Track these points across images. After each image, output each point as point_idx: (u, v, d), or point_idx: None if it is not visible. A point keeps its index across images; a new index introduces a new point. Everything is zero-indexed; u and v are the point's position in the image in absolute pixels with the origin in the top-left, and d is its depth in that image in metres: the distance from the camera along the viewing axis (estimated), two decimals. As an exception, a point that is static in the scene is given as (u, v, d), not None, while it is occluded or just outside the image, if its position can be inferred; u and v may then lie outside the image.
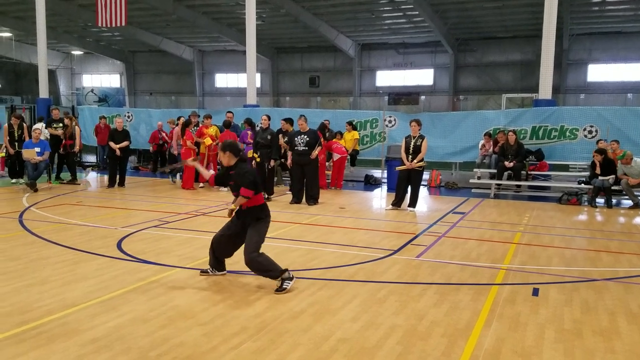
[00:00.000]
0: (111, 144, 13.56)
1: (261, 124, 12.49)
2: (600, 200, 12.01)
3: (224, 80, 39.15)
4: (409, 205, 10.78)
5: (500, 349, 4.23)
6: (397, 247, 7.59)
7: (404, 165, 10.70)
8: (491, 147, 14.09)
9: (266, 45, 34.24)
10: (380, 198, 12.95)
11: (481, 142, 14.52)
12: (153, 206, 10.84)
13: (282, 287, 5.47)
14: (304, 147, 11.26)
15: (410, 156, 10.63)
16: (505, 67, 31.39)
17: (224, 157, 5.72)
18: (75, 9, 28.52)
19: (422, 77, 33.79)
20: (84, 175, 15.81)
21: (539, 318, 4.91)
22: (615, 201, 12.03)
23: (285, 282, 5.50)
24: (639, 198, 11.66)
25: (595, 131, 13.49)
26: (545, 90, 14.49)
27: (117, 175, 13.69)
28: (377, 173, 15.83)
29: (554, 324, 4.79)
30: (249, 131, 13.53)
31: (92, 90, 36.35)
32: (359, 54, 34.41)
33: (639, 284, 6.06)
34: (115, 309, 4.92)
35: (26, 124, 14.00)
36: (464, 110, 25.29)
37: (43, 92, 20.68)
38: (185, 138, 13.37)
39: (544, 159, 13.69)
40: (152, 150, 17.51)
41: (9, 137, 13.17)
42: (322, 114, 17.00)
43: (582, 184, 12.75)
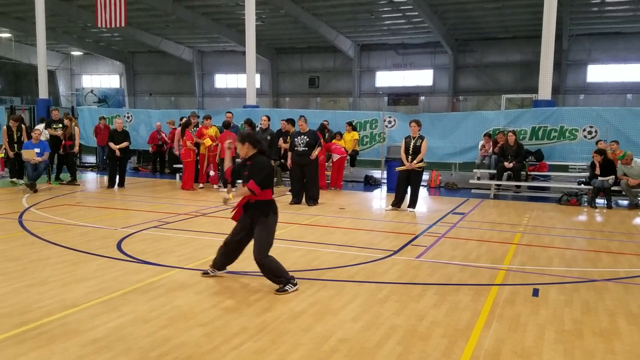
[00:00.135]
0: (111, 145, 13.56)
1: (261, 124, 12.51)
2: (600, 201, 12.02)
3: (223, 80, 39.16)
4: (408, 206, 10.78)
5: (500, 350, 4.23)
6: (397, 247, 7.59)
7: (404, 165, 10.71)
8: (491, 148, 14.09)
9: (266, 45, 34.25)
10: (380, 199, 12.95)
11: (481, 143, 14.52)
12: (153, 207, 10.84)
13: (284, 289, 5.47)
14: (303, 148, 11.26)
15: (410, 157, 10.63)
16: (504, 68, 31.41)
17: (242, 149, 5.57)
18: (74, 9, 28.52)
19: (421, 77, 33.80)
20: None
21: (539, 319, 4.91)
22: (615, 202, 12.04)
23: (287, 285, 5.49)
24: (639, 199, 11.67)
25: (595, 132, 13.50)
26: (544, 91, 14.50)
27: (117, 176, 13.70)
28: (377, 173, 15.83)
29: (554, 324, 4.79)
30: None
31: (91, 91, 36.38)
32: (359, 54, 34.43)
33: (639, 285, 6.06)
34: (116, 310, 4.92)
35: (25, 125, 13.99)
36: (464, 111, 25.32)
37: (43, 93, 20.69)
38: (185, 139, 13.37)
39: (544, 160, 13.70)
40: (151, 150, 17.52)
41: (8, 139, 13.16)
42: (321, 114, 17.01)
43: (582, 185, 12.76)
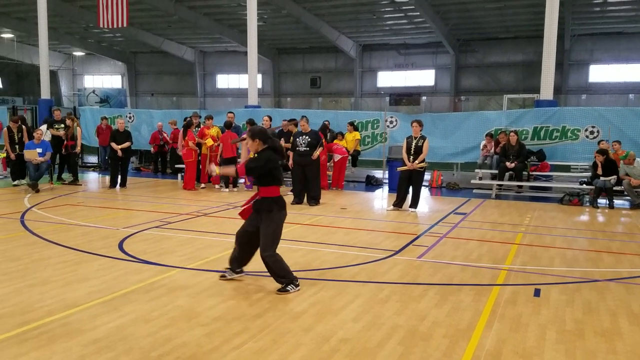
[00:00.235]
0: (113, 145, 13.58)
1: (262, 124, 12.51)
2: (601, 201, 12.00)
3: (225, 81, 39.19)
4: (410, 206, 10.77)
5: (502, 350, 4.23)
6: (399, 247, 7.59)
7: (406, 165, 10.70)
8: (492, 148, 14.08)
9: (267, 46, 34.28)
10: (381, 199, 12.94)
11: (482, 143, 14.50)
12: (154, 207, 10.85)
13: (285, 289, 5.47)
14: (305, 148, 11.26)
15: (411, 157, 10.63)
16: (506, 68, 31.39)
17: (252, 145, 5.52)
18: (76, 10, 28.58)
19: (423, 77, 33.80)
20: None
21: (541, 319, 4.90)
22: (616, 201, 12.02)
23: (289, 286, 5.49)
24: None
25: (597, 132, 13.48)
26: (546, 91, 14.48)
27: (119, 176, 13.72)
28: (379, 174, 15.82)
29: (555, 324, 4.78)
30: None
31: (93, 91, 36.47)
32: (360, 54, 34.43)
33: (640, 285, 6.06)
34: (117, 310, 4.92)
35: (25, 126, 14.01)
36: (466, 111, 25.29)
37: (45, 93, 20.72)
38: (188, 139, 13.38)
39: (546, 160, 13.68)
40: (153, 151, 17.53)
41: (9, 141, 13.17)
42: (323, 114, 17.00)
43: (584, 185, 12.73)
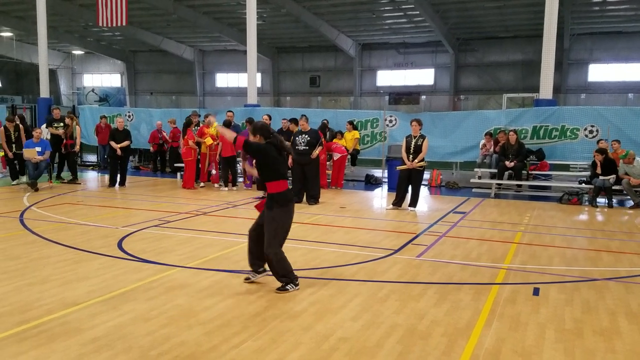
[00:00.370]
0: (112, 144, 13.58)
1: (262, 123, 12.49)
2: (601, 200, 12.01)
3: (224, 80, 39.14)
4: (409, 205, 10.77)
5: (501, 349, 4.23)
6: (398, 246, 7.59)
7: (405, 164, 10.70)
8: (492, 147, 14.09)
9: (267, 45, 34.24)
10: (380, 198, 12.95)
11: (482, 142, 14.51)
12: (154, 206, 10.85)
13: (284, 288, 5.47)
14: (304, 147, 11.26)
15: (411, 156, 10.63)
16: (506, 67, 31.36)
17: (254, 140, 5.57)
18: (76, 8, 28.53)
19: (422, 76, 33.77)
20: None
21: (540, 318, 4.91)
22: (615, 201, 12.03)
23: (289, 285, 5.50)
24: (640, 198, 11.66)
25: (596, 131, 13.48)
26: (546, 90, 14.48)
27: (118, 175, 13.71)
28: (378, 173, 15.82)
29: (554, 323, 4.78)
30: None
31: (92, 90, 36.38)
32: (360, 53, 34.39)
33: (639, 284, 6.06)
34: (116, 308, 4.92)
35: (24, 125, 13.99)
36: (465, 110, 25.26)
37: (44, 92, 20.70)
38: (187, 138, 13.38)
39: (545, 159, 13.69)
40: (152, 150, 17.52)
41: (6, 140, 13.16)
42: (322, 113, 17.01)
43: (583, 184, 12.74)
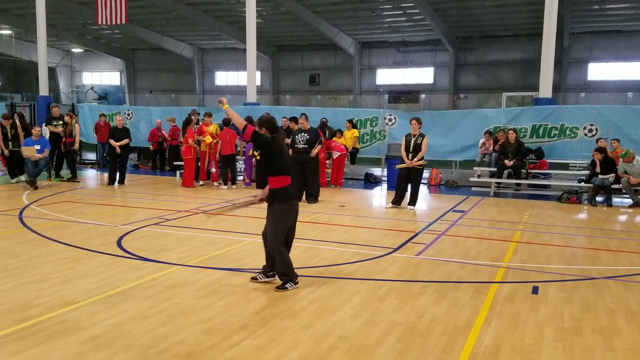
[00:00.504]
0: (111, 142, 13.57)
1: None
2: (600, 199, 12.01)
3: (224, 78, 39.11)
4: (408, 204, 10.77)
5: (500, 347, 4.24)
6: (397, 245, 7.59)
7: (404, 163, 10.70)
8: (491, 146, 14.09)
9: (266, 43, 34.21)
10: (380, 196, 12.95)
11: (481, 141, 14.51)
12: (153, 204, 10.85)
13: (284, 286, 5.48)
14: (304, 145, 11.25)
15: (410, 154, 10.62)
16: (505, 66, 31.36)
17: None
18: (75, 6, 28.50)
19: (422, 75, 33.76)
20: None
21: (539, 316, 4.91)
22: (615, 199, 12.04)
23: (288, 283, 5.50)
24: (639, 197, 11.66)
25: (596, 130, 13.48)
26: (545, 89, 14.48)
27: (117, 173, 13.71)
28: (377, 171, 15.82)
29: (553, 322, 4.79)
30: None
31: (92, 88, 36.38)
32: (359, 52, 34.38)
33: (638, 283, 6.06)
34: (116, 307, 4.92)
35: (22, 123, 13.97)
36: (464, 109, 25.27)
37: (43, 90, 20.68)
38: (187, 136, 13.38)
39: (544, 158, 13.69)
40: (151, 148, 17.52)
41: (2, 137, 13.14)
42: (322, 112, 17.01)
43: (582, 183, 12.75)
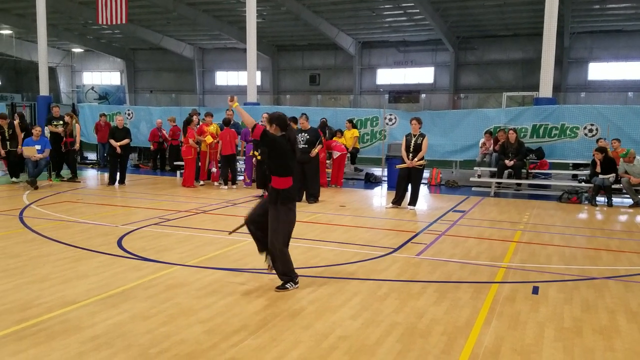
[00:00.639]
0: (112, 142, 13.58)
1: (262, 122, 12.48)
2: (600, 199, 12.01)
3: (224, 78, 39.11)
4: (409, 204, 10.77)
5: (500, 347, 4.24)
6: (397, 245, 7.59)
7: (405, 163, 10.70)
8: (492, 146, 14.09)
9: (267, 43, 34.21)
10: (380, 196, 12.95)
11: (482, 141, 14.51)
12: (153, 204, 10.85)
13: (284, 286, 5.48)
14: (304, 145, 11.25)
15: (410, 154, 10.62)
16: (506, 66, 31.35)
17: (270, 130, 5.51)
18: (75, 6, 28.50)
19: (422, 75, 33.75)
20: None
21: (539, 316, 4.91)
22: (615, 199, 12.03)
23: (289, 283, 5.50)
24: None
25: (596, 130, 13.48)
26: (546, 89, 14.48)
27: (118, 173, 13.71)
28: (378, 171, 15.82)
29: (553, 322, 4.79)
30: (251, 129, 13.52)
31: (92, 88, 36.39)
32: (360, 52, 34.37)
33: (639, 283, 6.06)
34: (116, 307, 4.92)
35: (23, 123, 13.97)
36: (465, 109, 25.27)
37: (43, 90, 20.69)
38: (188, 136, 13.39)
39: (545, 158, 13.69)
40: (152, 148, 17.52)
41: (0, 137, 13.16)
42: (322, 112, 17.02)
43: (582, 183, 12.74)
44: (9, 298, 5.10)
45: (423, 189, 12.97)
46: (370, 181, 15.17)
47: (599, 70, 30.12)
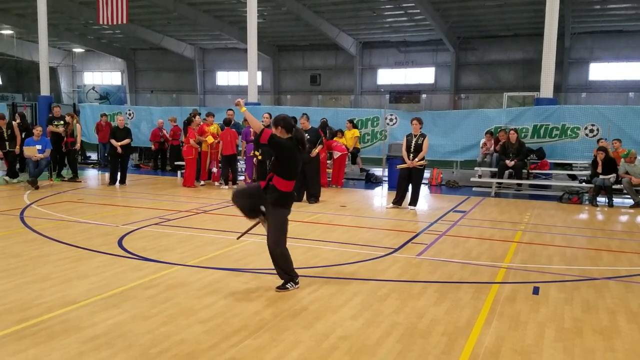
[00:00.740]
0: (112, 142, 13.58)
1: (263, 122, 12.47)
2: (601, 199, 12.00)
3: (225, 78, 39.12)
4: (409, 204, 10.77)
5: (501, 348, 4.23)
6: (398, 245, 7.59)
7: (405, 163, 10.70)
8: (492, 146, 14.08)
9: (267, 43, 34.22)
10: (381, 196, 12.95)
11: (482, 141, 14.51)
12: (154, 204, 10.85)
13: (285, 286, 5.47)
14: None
15: (411, 154, 10.62)
16: (506, 66, 31.34)
17: (276, 132, 5.51)
18: (76, 6, 28.51)
19: (423, 75, 33.75)
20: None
21: (539, 317, 4.91)
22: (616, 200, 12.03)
23: (289, 283, 5.50)
24: (640, 197, 11.66)
25: (597, 130, 13.47)
26: (546, 89, 14.47)
27: (118, 173, 13.71)
28: (378, 171, 15.82)
29: (554, 322, 4.79)
30: (251, 129, 13.53)
31: (93, 88, 36.42)
32: (360, 52, 34.37)
33: (639, 283, 6.06)
34: (116, 307, 4.92)
35: (24, 123, 13.97)
36: (466, 109, 25.26)
37: (44, 90, 20.69)
38: (189, 136, 13.39)
39: (545, 158, 13.69)
40: (153, 148, 17.53)
41: None
42: (323, 112, 17.01)
43: (583, 183, 12.73)
44: (9, 298, 5.10)
45: (424, 189, 12.96)
46: (371, 181, 15.17)
47: (600, 71, 30.10)
